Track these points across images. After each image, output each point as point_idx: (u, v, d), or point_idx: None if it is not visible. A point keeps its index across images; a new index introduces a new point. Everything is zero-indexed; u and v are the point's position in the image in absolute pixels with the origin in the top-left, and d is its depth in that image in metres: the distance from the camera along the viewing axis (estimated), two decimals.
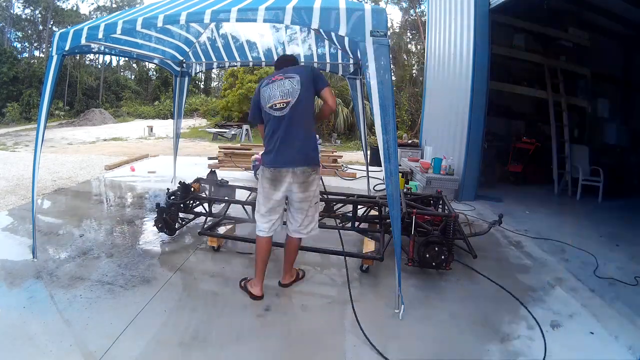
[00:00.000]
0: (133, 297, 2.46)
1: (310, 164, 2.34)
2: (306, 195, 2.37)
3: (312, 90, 2.35)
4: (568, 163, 6.28)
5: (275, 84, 2.34)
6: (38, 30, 29.02)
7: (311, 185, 2.37)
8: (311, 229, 2.50)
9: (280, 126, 2.31)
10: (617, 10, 6.34)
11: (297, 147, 2.30)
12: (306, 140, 2.33)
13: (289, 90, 2.30)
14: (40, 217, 4.00)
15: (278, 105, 2.31)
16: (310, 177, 2.35)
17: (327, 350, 2.04)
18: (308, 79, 2.33)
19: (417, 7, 18.37)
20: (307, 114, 2.34)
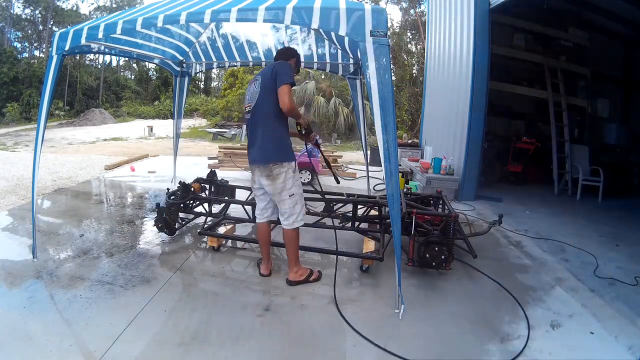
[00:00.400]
0: (133, 297, 2.46)
1: (269, 161, 2.48)
2: (275, 188, 2.52)
3: (272, 89, 2.43)
4: (568, 163, 6.28)
5: (248, 88, 2.61)
6: (38, 30, 29.02)
7: (277, 179, 2.49)
8: (292, 221, 2.60)
9: (248, 127, 2.61)
10: (617, 10, 6.34)
11: (257, 146, 2.52)
12: (264, 141, 2.49)
13: (252, 93, 2.54)
14: (40, 217, 4.00)
15: (247, 109, 2.58)
16: (274, 172, 2.48)
17: (326, 350, 2.04)
18: (268, 79, 2.44)
19: (417, 7, 18.37)
20: (266, 115, 2.48)
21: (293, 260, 2.70)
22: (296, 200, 2.60)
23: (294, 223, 2.61)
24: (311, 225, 3.64)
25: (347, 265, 3.11)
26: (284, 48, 2.88)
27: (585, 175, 6.00)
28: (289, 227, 2.61)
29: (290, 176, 2.54)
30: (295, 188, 2.58)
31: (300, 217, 2.64)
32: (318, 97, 14.16)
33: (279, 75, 2.41)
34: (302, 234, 3.78)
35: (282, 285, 2.71)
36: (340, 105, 14.07)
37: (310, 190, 4.43)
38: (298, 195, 2.61)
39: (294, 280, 2.69)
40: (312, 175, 6.26)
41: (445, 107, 6.50)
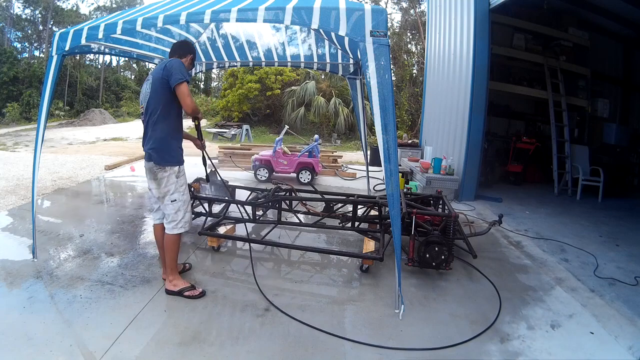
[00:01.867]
0: (133, 297, 2.46)
1: (152, 160, 2.40)
2: (159, 191, 2.45)
3: (163, 89, 2.33)
4: (568, 163, 6.28)
5: (142, 87, 2.48)
6: (38, 30, 29.00)
7: (161, 183, 2.42)
8: (172, 227, 2.48)
9: (143, 127, 2.48)
10: (617, 10, 6.35)
11: (146, 147, 2.43)
12: (152, 141, 2.39)
13: (144, 95, 2.42)
14: (40, 217, 4.00)
15: (141, 110, 2.50)
16: (158, 175, 2.41)
17: (326, 350, 2.04)
18: (158, 79, 2.33)
19: (417, 7, 18.36)
20: (154, 116, 2.38)
21: (170, 267, 2.52)
22: (179, 207, 2.46)
23: (173, 229, 2.48)
24: (311, 225, 3.65)
25: (347, 265, 3.11)
26: (180, 42, 2.69)
27: (585, 175, 6.00)
28: (169, 231, 2.49)
29: (172, 181, 2.42)
30: (178, 194, 2.45)
31: (181, 225, 2.49)
32: (318, 97, 14.15)
33: (172, 75, 2.27)
34: (302, 234, 3.82)
35: (282, 285, 2.71)
36: (340, 105, 14.05)
37: (310, 190, 4.44)
38: (181, 202, 2.48)
39: (168, 289, 2.51)
40: (312, 175, 6.27)
41: (445, 107, 6.50)
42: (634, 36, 7.03)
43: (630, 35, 7.10)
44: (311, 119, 14.19)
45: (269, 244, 3.43)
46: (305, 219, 3.81)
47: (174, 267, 2.54)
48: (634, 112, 7.78)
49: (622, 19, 6.58)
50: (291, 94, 14.68)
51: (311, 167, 6.26)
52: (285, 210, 3.64)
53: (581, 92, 7.06)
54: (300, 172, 6.23)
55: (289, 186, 4.01)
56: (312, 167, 6.26)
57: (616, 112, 7.70)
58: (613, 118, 7.57)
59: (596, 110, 7.26)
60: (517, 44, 6.57)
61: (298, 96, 14.44)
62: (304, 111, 14.25)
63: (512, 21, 6.31)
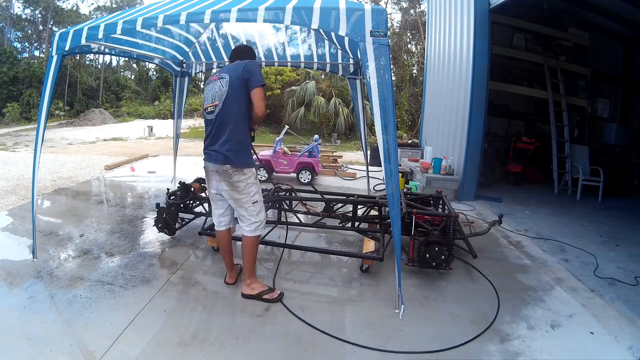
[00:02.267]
0: (133, 297, 2.46)
1: (231, 166, 2.32)
2: (235, 194, 2.39)
3: (243, 89, 2.29)
4: (568, 163, 6.28)
5: (210, 86, 2.40)
6: (38, 30, 29.00)
7: (238, 186, 2.37)
8: (254, 228, 2.46)
9: (210, 128, 2.39)
10: (617, 10, 6.35)
11: (219, 149, 2.33)
12: (231, 143, 2.31)
13: (217, 92, 2.33)
14: (40, 217, 4.00)
15: (209, 109, 2.37)
16: (234, 178, 2.34)
17: (326, 351, 2.04)
18: (238, 79, 2.28)
19: (417, 7, 18.36)
20: (233, 117, 2.32)
21: (248, 271, 2.51)
22: (260, 208, 2.48)
23: (255, 230, 2.47)
24: (311, 225, 3.65)
25: (347, 265, 3.11)
26: (245, 46, 2.65)
27: (585, 175, 6.00)
28: (251, 233, 2.47)
29: (252, 182, 2.42)
30: (258, 195, 2.47)
31: (262, 225, 2.50)
32: (318, 97, 14.15)
33: (253, 76, 2.27)
34: (302, 234, 3.82)
35: (282, 285, 2.70)
36: (340, 105, 14.06)
37: (310, 190, 4.44)
38: (261, 203, 2.50)
39: (247, 294, 2.50)
40: (312, 175, 6.27)
41: (445, 107, 6.50)
42: (634, 36, 7.03)
43: (630, 35, 7.10)
44: (311, 119, 14.18)
45: (269, 244, 3.43)
46: (305, 219, 3.81)
47: (252, 270, 2.52)
48: (634, 112, 7.78)
49: (622, 19, 6.58)
50: (291, 94, 14.68)
51: (311, 167, 6.26)
52: (285, 210, 3.64)
53: (581, 92, 7.06)
54: (300, 172, 6.23)
55: (289, 186, 4.01)
56: (312, 167, 6.26)
57: (616, 112, 7.70)
58: (613, 118, 7.57)
59: (596, 110, 7.26)
60: (517, 44, 6.57)
61: (298, 96, 14.44)
62: (304, 111, 14.25)
63: (512, 21, 6.30)
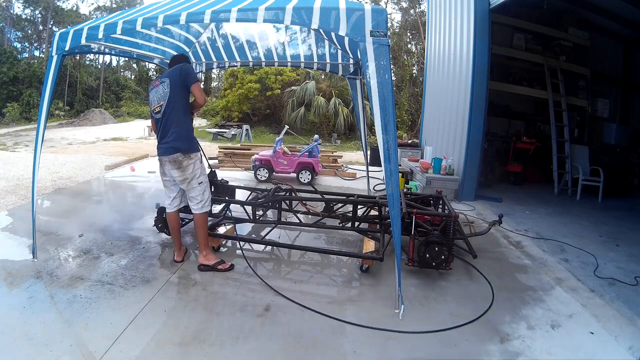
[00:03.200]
0: (133, 297, 2.46)
1: (179, 151, 2.71)
2: (185, 178, 2.77)
3: (181, 88, 2.70)
4: (568, 163, 6.28)
5: (154, 90, 2.78)
6: (38, 30, 28.98)
7: (187, 169, 2.76)
8: (201, 206, 2.86)
9: (159, 125, 2.77)
10: (617, 10, 6.35)
11: (169, 141, 2.71)
12: (176, 135, 2.71)
13: (161, 94, 2.72)
14: (40, 217, 4.00)
15: (156, 109, 2.76)
16: (184, 163, 2.73)
17: (326, 350, 2.04)
18: (176, 80, 2.69)
19: (417, 7, 18.35)
20: (177, 111, 2.72)
21: (203, 244, 2.89)
22: (204, 188, 2.87)
23: (202, 208, 2.86)
24: (311, 225, 3.65)
25: (347, 265, 3.11)
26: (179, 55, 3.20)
27: (585, 175, 6.00)
28: (199, 211, 2.86)
29: (198, 166, 2.80)
30: (203, 177, 2.85)
31: (208, 203, 2.92)
32: (318, 97, 14.14)
33: (189, 75, 2.72)
34: (302, 234, 3.82)
35: (282, 285, 2.70)
36: (340, 105, 14.05)
37: (310, 190, 4.44)
38: (205, 183, 2.89)
39: (203, 263, 2.87)
40: (312, 175, 6.27)
41: (445, 107, 6.50)
42: (634, 36, 7.03)
43: (630, 35, 7.10)
44: (311, 119, 14.17)
45: (269, 244, 3.43)
46: (305, 219, 3.81)
47: (206, 242, 2.92)
48: (634, 112, 7.78)
49: (622, 19, 6.58)
50: (291, 94, 14.68)
51: (311, 167, 6.26)
52: (285, 210, 3.64)
53: (581, 92, 7.06)
54: (300, 172, 6.23)
55: (289, 186, 4.01)
56: (312, 167, 6.26)
57: (616, 112, 7.70)
58: (613, 118, 7.56)
59: (596, 110, 7.26)
60: (517, 44, 6.57)
61: (298, 96, 14.44)
62: (304, 111, 14.24)
63: (512, 21, 6.30)
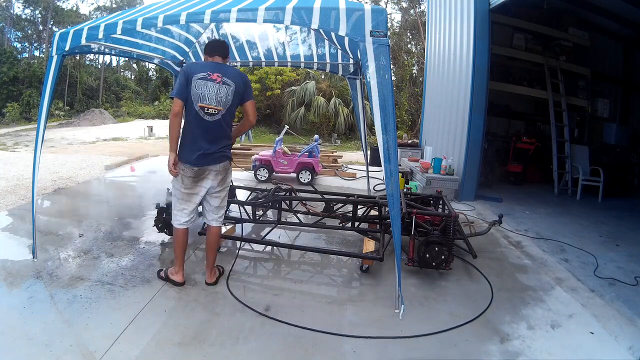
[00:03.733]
0: (133, 297, 2.46)
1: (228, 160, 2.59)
2: (224, 186, 2.62)
3: (240, 99, 2.50)
4: (568, 163, 6.28)
5: (211, 86, 2.38)
6: (38, 30, 28.99)
7: (227, 178, 2.65)
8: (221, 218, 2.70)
9: (206, 129, 2.44)
10: (617, 10, 6.35)
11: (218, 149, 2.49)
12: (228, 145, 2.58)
13: (223, 99, 2.42)
14: (40, 217, 3.99)
15: (211, 111, 2.41)
16: (228, 171, 2.62)
17: (326, 350, 2.04)
18: (239, 90, 2.46)
19: (417, 7, 18.35)
20: (228, 121, 2.53)
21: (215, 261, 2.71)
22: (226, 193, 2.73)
23: (220, 218, 2.69)
24: (311, 225, 3.65)
25: (347, 265, 3.11)
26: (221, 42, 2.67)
27: (585, 175, 6.00)
28: (219, 224, 2.69)
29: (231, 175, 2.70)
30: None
31: None
32: (318, 97, 14.14)
33: (249, 89, 2.54)
34: (302, 234, 3.82)
35: (282, 285, 2.71)
36: (340, 105, 14.05)
37: (310, 190, 4.44)
38: None
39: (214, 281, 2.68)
40: (312, 175, 6.27)
41: (445, 107, 6.50)
42: (634, 36, 7.03)
43: (630, 35, 7.10)
44: (311, 119, 14.17)
45: (269, 244, 3.43)
46: (305, 219, 3.81)
47: None
48: (634, 112, 7.78)
49: (622, 19, 6.58)
50: (291, 94, 14.67)
51: (311, 167, 6.26)
52: (285, 210, 3.64)
53: (581, 92, 7.06)
54: (300, 172, 6.23)
55: (289, 186, 4.01)
56: (312, 167, 6.26)
57: (616, 112, 7.70)
58: (613, 118, 7.56)
59: (596, 110, 7.26)
60: (517, 44, 6.57)
61: (298, 96, 14.43)
62: (304, 111, 14.23)
63: (512, 21, 6.30)
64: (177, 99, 2.38)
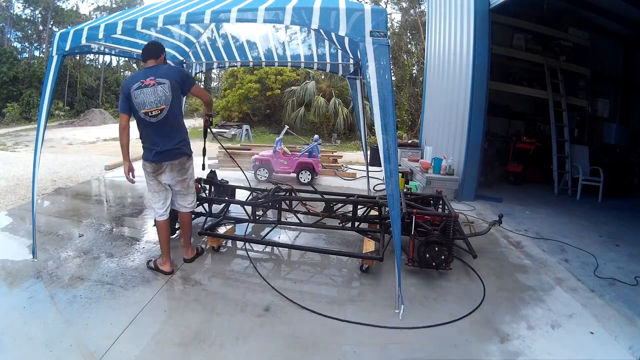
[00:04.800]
0: (133, 297, 2.46)
1: (185, 155, 2.76)
2: (184, 178, 2.81)
3: (179, 92, 2.66)
4: (568, 163, 6.28)
5: (147, 91, 2.55)
6: (38, 30, 28.97)
7: (188, 171, 2.82)
8: (192, 205, 2.97)
9: (156, 129, 2.64)
10: (617, 10, 6.34)
11: (173, 145, 2.68)
12: (183, 140, 2.75)
13: (162, 97, 2.57)
14: (40, 217, 4.00)
15: (153, 112, 2.59)
16: (186, 165, 2.80)
17: (326, 350, 2.04)
18: (176, 83, 2.61)
19: (417, 7, 18.33)
20: (179, 116, 2.73)
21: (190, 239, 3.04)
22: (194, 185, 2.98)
23: (193, 205, 2.98)
24: (311, 225, 3.65)
25: (347, 265, 3.11)
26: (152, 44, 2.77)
27: (585, 176, 6.00)
28: (190, 209, 2.96)
29: (193, 165, 2.89)
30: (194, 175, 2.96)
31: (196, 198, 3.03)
32: (318, 97, 14.14)
33: (188, 78, 2.72)
34: (302, 234, 3.82)
35: (282, 285, 2.70)
36: (340, 105, 14.04)
37: (310, 190, 4.43)
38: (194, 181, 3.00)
39: (191, 257, 3.01)
40: (312, 175, 6.27)
41: (445, 107, 6.50)
42: (634, 36, 7.03)
43: (630, 35, 7.09)
44: (311, 119, 14.17)
45: (269, 244, 3.43)
46: (305, 219, 3.81)
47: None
48: (634, 112, 7.78)
49: (622, 19, 6.58)
50: (291, 94, 14.67)
51: (311, 167, 6.26)
52: (285, 210, 3.64)
53: (581, 92, 7.06)
54: (300, 172, 6.23)
55: (289, 186, 4.01)
56: (312, 167, 6.26)
57: (616, 112, 7.69)
58: (613, 118, 7.56)
59: (596, 110, 7.25)
60: (517, 44, 6.57)
61: (298, 96, 14.43)
62: (304, 111, 14.23)
63: (512, 21, 6.30)
64: (122, 114, 2.65)
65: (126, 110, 2.63)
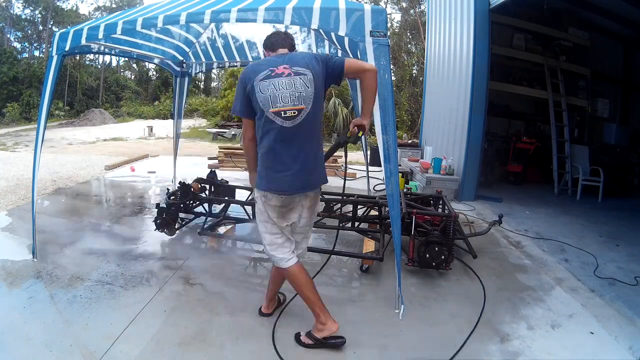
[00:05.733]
0: (133, 297, 2.46)
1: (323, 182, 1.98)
2: (313, 216, 2.06)
3: (323, 88, 1.86)
4: (568, 163, 6.28)
5: (282, 81, 1.76)
6: (38, 30, 28.98)
7: (317, 203, 2.07)
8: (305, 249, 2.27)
9: (288, 141, 1.81)
10: (617, 10, 6.34)
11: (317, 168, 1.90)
12: (320, 159, 1.93)
13: (302, 93, 1.77)
14: (40, 217, 3.99)
15: (289, 113, 1.77)
16: (319, 195, 2.06)
17: (327, 351, 2.04)
18: (320, 74, 1.81)
19: (417, 7, 18.34)
20: (317, 123, 1.89)
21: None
22: None
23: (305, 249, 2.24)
24: None
25: (347, 265, 3.11)
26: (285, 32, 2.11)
27: (585, 175, 6.00)
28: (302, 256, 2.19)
29: None
30: None
31: None
32: None
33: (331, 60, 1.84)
34: None
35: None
36: (340, 105, 14.05)
37: None
38: None
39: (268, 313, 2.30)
40: None
41: (445, 107, 6.50)
42: (634, 36, 7.03)
43: (630, 35, 7.09)
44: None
45: None
46: None
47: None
48: (634, 112, 7.78)
49: (622, 19, 6.58)
50: None
51: None
52: None
53: (581, 92, 7.06)
54: None
55: None
56: None
57: (616, 112, 7.69)
58: (613, 118, 7.56)
59: (596, 110, 7.25)
60: (517, 44, 6.57)
61: None
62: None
63: (512, 21, 6.30)
64: (245, 120, 1.87)
65: (248, 113, 1.85)
